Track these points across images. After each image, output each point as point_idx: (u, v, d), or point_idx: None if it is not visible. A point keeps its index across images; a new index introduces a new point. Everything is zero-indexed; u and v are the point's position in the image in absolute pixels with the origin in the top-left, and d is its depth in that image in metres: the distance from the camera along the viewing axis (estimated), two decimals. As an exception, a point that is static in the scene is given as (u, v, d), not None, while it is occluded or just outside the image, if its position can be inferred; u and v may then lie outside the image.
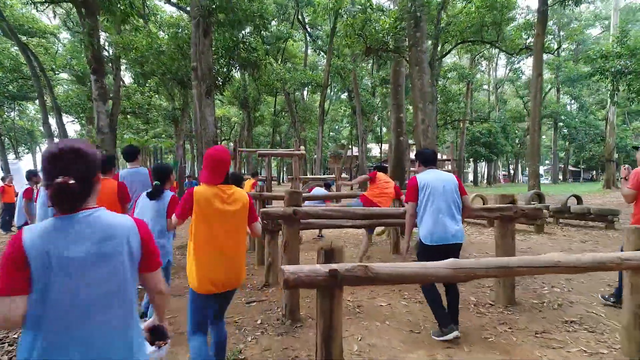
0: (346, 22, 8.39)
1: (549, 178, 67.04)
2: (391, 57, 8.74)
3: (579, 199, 11.29)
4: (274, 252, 5.34)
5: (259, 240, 6.64)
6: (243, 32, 8.11)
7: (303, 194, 6.98)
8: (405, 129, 9.70)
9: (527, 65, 54.86)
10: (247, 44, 8.51)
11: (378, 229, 8.95)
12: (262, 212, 3.79)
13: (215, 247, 2.53)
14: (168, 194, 3.63)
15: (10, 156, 42.53)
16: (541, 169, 71.98)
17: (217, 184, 2.59)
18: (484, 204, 12.47)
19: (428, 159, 3.83)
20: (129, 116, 27.11)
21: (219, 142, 42.12)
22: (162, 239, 3.54)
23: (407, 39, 7.85)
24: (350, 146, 48.95)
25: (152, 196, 3.59)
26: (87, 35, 6.21)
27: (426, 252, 3.53)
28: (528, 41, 21.31)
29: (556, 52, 32.59)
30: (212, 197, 2.54)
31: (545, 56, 42.03)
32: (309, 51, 37.85)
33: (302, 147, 15.22)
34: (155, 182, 3.64)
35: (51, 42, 24.37)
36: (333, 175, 12.38)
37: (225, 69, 9.01)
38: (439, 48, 19.23)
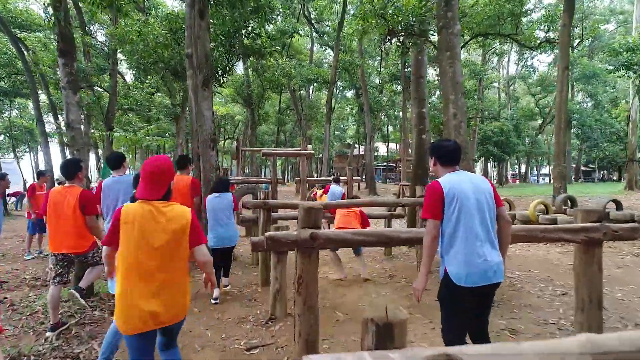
0: (365, 1, 7.32)
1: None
2: (416, 41, 7.67)
3: (618, 204, 10.16)
4: (282, 277, 4.30)
5: (264, 255, 5.59)
6: (245, 14, 7.05)
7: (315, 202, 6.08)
8: (429, 125, 8.61)
9: (540, 61, 53.42)
10: (250, 29, 7.43)
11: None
12: (267, 238, 2.73)
13: (143, 277, 2.14)
14: None
15: (11, 156, 41.80)
16: (547, 169, 70.82)
17: (154, 200, 2.24)
18: (510, 210, 11.34)
19: (450, 156, 2.68)
20: (130, 114, 26.25)
21: (220, 141, 41.12)
22: None
23: (435, 20, 6.75)
24: (356, 145, 47.94)
25: None
26: (53, 8, 5.14)
27: (455, 296, 2.49)
28: (549, 34, 20.19)
29: (577, 46, 31.28)
30: (143, 216, 2.18)
31: (556, 53, 40.76)
32: (315, 48, 36.84)
33: (309, 146, 14.19)
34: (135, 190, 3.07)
35: (50, 39, 23.44)
36: (345, 178, 11.30)
37: (225, 58, 7.95)
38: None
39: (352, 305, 4.83)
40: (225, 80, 8.57)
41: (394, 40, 7.66)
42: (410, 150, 23.81)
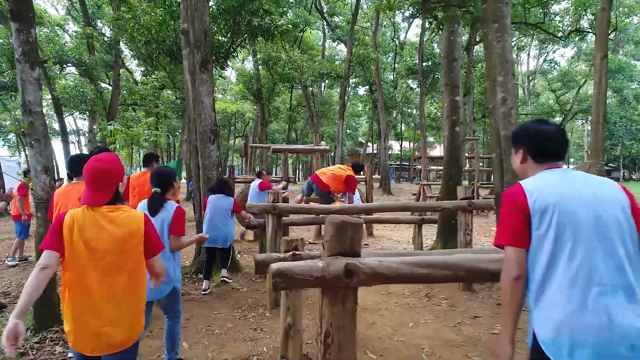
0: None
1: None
2: (455, 13, 6.56)
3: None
4: (295, 308, 3.24)
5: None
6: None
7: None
8: (462, 117, 7.49)
9: (562, 55, 51.45)
10: (257, 3, 6.36)
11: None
12: (276, 274, 1.67)
13: (86, 292, 1.87)
14: (172, 206, 3.03)
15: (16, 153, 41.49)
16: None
17: (100, 205, 1.94)
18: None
19: (550, 145, 1.70)
20: (135, 110, 25.48)
21: (232, 139, 40.46)
22: (166, 262, 2.61)
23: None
24: (368, 144, 46.74)
25: (152, 209, 2.95)
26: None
27: None
28: (581, 22, 18.85)
29: (613, 32, 29.61)
30: (87, 223, 1.91)
31: (578, 46, 39.08)
32: (326, 44, 35.73)
33: (322, 142, 13.13)
34: (155, 189, 3.04)
35: (55, 32, 22.75)
36: (363, 176, 10.21)
37: (228, 39, 6.90)
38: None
39: (386, 339, 3.76)
40: (229, 64, 7.58)
41: (427, 12, 6.53)
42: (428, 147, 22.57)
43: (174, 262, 2.98)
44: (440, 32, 7.77)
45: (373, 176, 10.11)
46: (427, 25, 8.79)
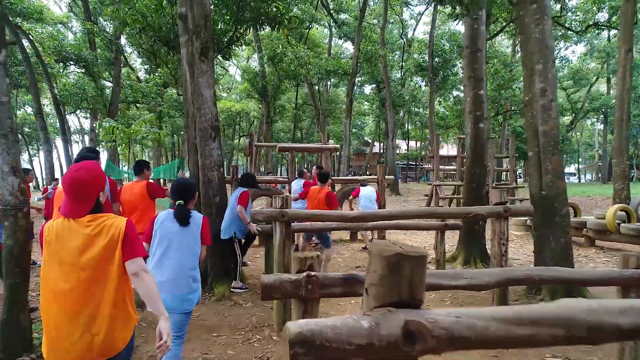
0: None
1: (591, 177, 62.64)
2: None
3: None
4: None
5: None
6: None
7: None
8: (487, 112, 6.86)
9: (574, 52, 50.33)
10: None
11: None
12: (296, 338, 1.05)
13: (62, 306, 1.81)
14: (198, 216, 3.01)
15: (24, 155, 41.19)
16: (572, 168, 67.45)
17: (80, 217, 1.86)
18: (575, 216, 9.50)
19: None
20: (139, 109, 24.97)
21: (236, 138, 40.07)
22: (197, 273, 2.90)
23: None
24: (375, 143, 46.07)
25: (182, 220, 2.88)
26: None
27: None
28: (600, 14, 18.10)
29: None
30: (62, 234, 1.85)
31: (590, 43, 38.16)
32: (332, 42, 35.07)
33: (330, 141, 12.52)
34: (178, 202, 2.95)
35: (58, 30, 22.30)
36: (374, 176, 9.59)
37: (231, 26, 6.29)
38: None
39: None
40: (231, 55, 6.96)
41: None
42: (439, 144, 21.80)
43: (197, 272, 2.95)
44: (462, 19, 7.12)
45: (385, 177, 9.46)
46: (449, 11, 8.13)
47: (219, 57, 7.09)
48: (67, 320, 1.81)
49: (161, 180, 26.01)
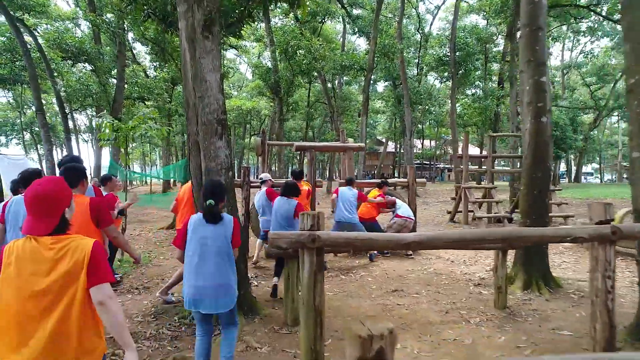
0: None
1: (611, 177, 60.43)
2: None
3: None
4: None
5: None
6: None
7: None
8: (549, 104, 5.68)
9: (599, 46, 48.22)
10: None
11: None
12: None
13: (23, 333, 1.67)
14: (229, 218, 3.05)
15: (34, 154, 40.72)
16: (588, 167, 65.08)
17: (42, 234, 1.74)
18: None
19: None
20: (146, 104, 24.05)
21: (246, 136, 39.35)
22: (232, 276, 3.02)
23: None
24: (388, 142, 44.71)
25: (212, 220, 2.96)
26: None
27: None
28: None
29: None
30: (22, 255, 1.72)
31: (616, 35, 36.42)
32: (347, 37, 33.87)
33: (349, 140, 11.37)
34: (209, 201, 2.95)
35: (63, 26, 21.50)
36: (404, 180, 8.45)
37: (240, 2, 5.22)
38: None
39: None
40: (241, 32, 5.88)
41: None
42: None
43: (234, 275, 3.05)
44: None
45: (417, 180, 8.30)
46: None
47: (227, 38, 6.01)
48: (26, 349, 1.67)
49: (171, 181, 25.13)
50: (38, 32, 17.39)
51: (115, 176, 6.43)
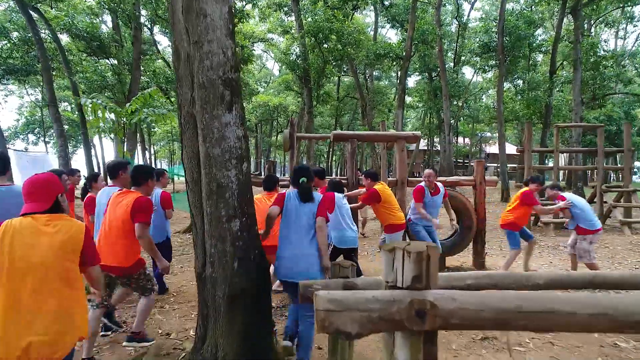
0: None
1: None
2: None
3: None
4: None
5: None
6: None
7: None
8: None
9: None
10: None
11: None
12: None
13: (14, 304, 1.82)
14: (318, 196, 3.18)
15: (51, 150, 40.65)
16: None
17: (38, 211, 1.97)
18: None
19: None
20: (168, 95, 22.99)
21: (273, 134, 38.24)
22: (311, 249, 3.06)
23: None
24: (420, 139, 42.41)
25: (304, 196, 3.12)
26: None
27: None
28: None
29: None
30: (19, 230, 1.90)
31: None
32: (378, 29, 31.98)
33: (392, 131, 9.61)
34: (301, 179, 3.12)
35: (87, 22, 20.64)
36: (470, 178, 6.67)
37: None
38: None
39: None
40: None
41: None
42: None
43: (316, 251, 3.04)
44: None
45: (486, 178, 6.52)
46: None
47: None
48: (14, 320, 1.80)
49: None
50: (56, 26, 16.48)
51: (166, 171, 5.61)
